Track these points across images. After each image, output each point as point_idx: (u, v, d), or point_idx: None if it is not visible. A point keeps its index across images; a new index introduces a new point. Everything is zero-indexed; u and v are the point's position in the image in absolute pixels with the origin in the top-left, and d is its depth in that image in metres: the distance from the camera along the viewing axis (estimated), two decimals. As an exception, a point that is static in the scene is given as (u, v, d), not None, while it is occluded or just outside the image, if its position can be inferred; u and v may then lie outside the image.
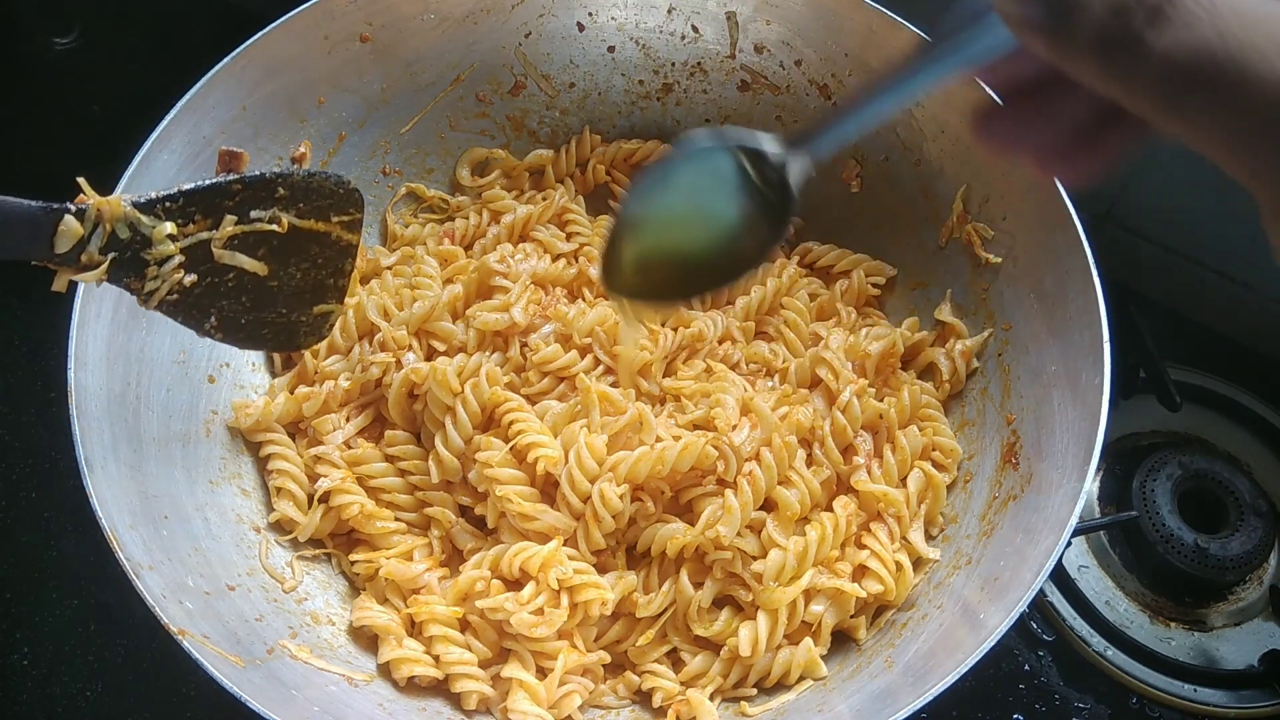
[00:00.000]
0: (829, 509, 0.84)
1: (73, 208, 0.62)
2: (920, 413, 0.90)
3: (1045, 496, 0.77)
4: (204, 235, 0.66)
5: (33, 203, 0.61)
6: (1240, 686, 0.95)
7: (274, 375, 0.94)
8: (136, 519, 0.73)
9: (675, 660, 0.82)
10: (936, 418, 0.90)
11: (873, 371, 0.90)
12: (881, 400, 0.87)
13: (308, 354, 0.91)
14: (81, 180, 0.64)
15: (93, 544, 0.68)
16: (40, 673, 0.92)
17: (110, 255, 0.63)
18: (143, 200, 0.64)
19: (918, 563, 0.84)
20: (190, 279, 0.67)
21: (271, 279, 0.70)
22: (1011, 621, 0.67)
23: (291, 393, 0.90)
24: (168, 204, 0.65)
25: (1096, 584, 1.01)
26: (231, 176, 0.67)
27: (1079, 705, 0.94)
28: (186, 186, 0.65)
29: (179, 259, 0.66)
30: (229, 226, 0.67)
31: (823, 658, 0.80)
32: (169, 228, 0.64)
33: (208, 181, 0.66)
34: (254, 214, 0.68)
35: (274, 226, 0.69)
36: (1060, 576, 1.00)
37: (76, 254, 0.62)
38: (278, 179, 0.69)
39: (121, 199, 0.63)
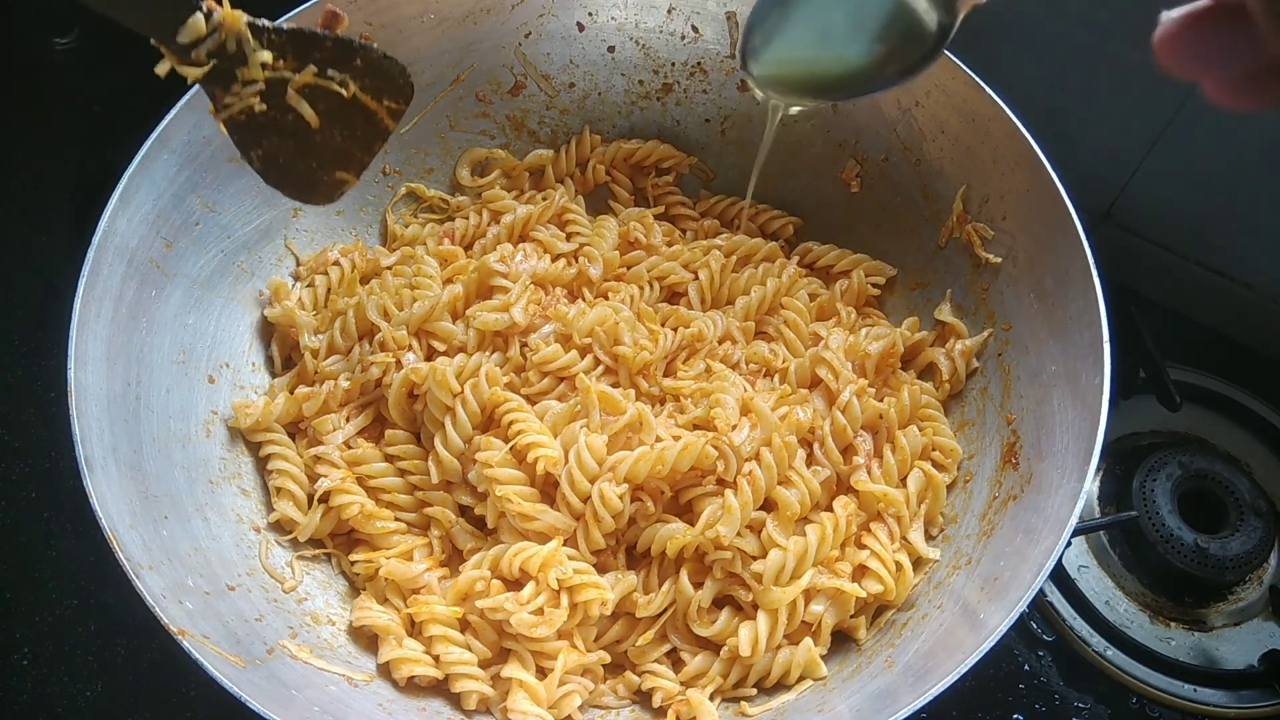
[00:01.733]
0: (829, 509, 0.84)
1: (204, 8, 0.68)
2: (920, 413, 0.90)
3: (1045, 496, 0.77)
4: (287, 74, 0.73)
5: None
6: (1240, 686, 0.95)
7: (274, 375, 0.94)
8: (136, 519, 0.73)
9: (675, 660, 0.82)
10: (936, 418, 0.90)
11: (872, 371, 0.90)
12: (881, 400, 0.87)
13: (308, 354, 0.91)
14: None
15: (93, 544, 0.68)
16: (40, 673, 0.92)
17: (213, 62, 0.70)
18: (256, 24, 0.71)
19: (918, 563, 0.84)
20: (261, 106, 0.74)
21: (318, 134, 0.78)
22: (1011, 621, 0.67)
23: (291, 393, 0.90)
24: (272, 35, 0.72)
25: (1096, 584, 1.00)
26: (327, 33, 0.75)
27: (1079, 705, 0.94)
28: (290, 26, 0.73)
29: (260, 86, 0.73)
30: (308, 75, 0.75)
31: (823, 658, 0.80)
32: (266, 56, 0.72)
33: (308, 29, 0.74)
34: (330, 72, 0.75)
35: (341, 90, 0.77)
36: (1060, 576, 1.00)
37: (189, 49, 0.69)
38: (360, 50, 0.77)
39: (242, 16, 0.70)
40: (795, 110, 0.75)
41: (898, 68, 0.58)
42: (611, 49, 1.06)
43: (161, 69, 0.71)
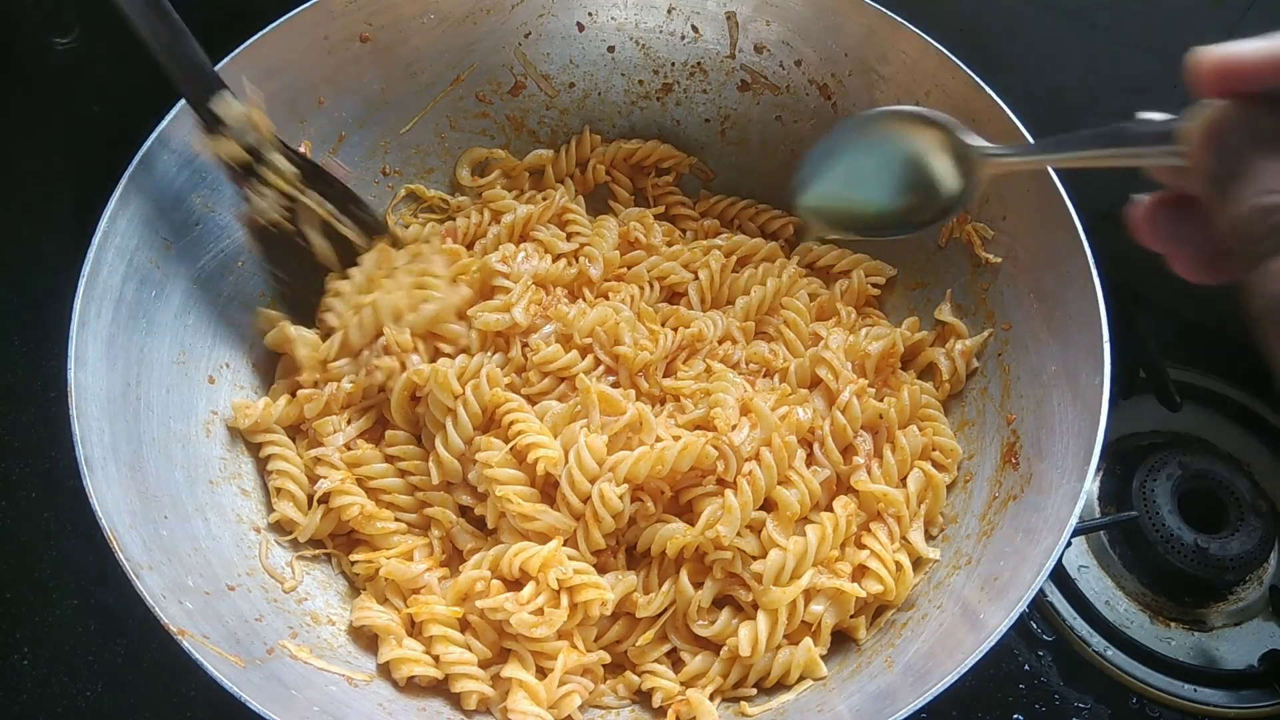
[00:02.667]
0: (829, 509, 0.84)
1: (232, 94, 0.81)
2: (920, 413, 0.90)
3: (1045, 496, 0.77)
4: (309, 202, 0.87)
5: (207, 62, 0.81)
6: (1240, 686, 0.95)
7: (277, 375, 0.94)
8: (136, 519, 0.72)
9: (675, 660, 0.82)
10: (936, 417, 0.90)
11: (872, 371, 0.90)
12: (881, 400, 0.87)
13: (307, 361, 0.91)
14: (250, 85, 0.84)
15: (93, 544, 0.68)
16: (40, 673, 0.92)
17: (244, 148, 0.82)
18: (282, 141, 0.83)
19: (917, 563, 0.84)
20: (282, 216, 0.85)
21: (317, 264, 0.89)
22: (1012, 621, 0.67)
23: (293, 395, 0.90)
24: (294, 155, 0.85)
25: (1096, 584, 1.00)
26: (338, 180, 0.89)
27: (1079, 705, 0.94)
28: (314, 160, 0.87)
29: (282, 196, 0.85)
30: (326, 208, 0.88)
31: (823, 658, 0.80)
32: (293, 170, 0.85)
33: (324, 169, 0.88)
34: (341, 216, 0.89)
35: (346, 234, 0.90)
36: (1060, 576, 1.00)
37: (219, 123, 0.81)
38: (359, 203, 0.91)
39: (272, 126, 0.83)
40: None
41: (920, 218, 0.69)
42: (611, 49, 1.06)
43: (198, 146, 0.82)
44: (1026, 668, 0.96)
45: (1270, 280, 0.42)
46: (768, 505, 0.82)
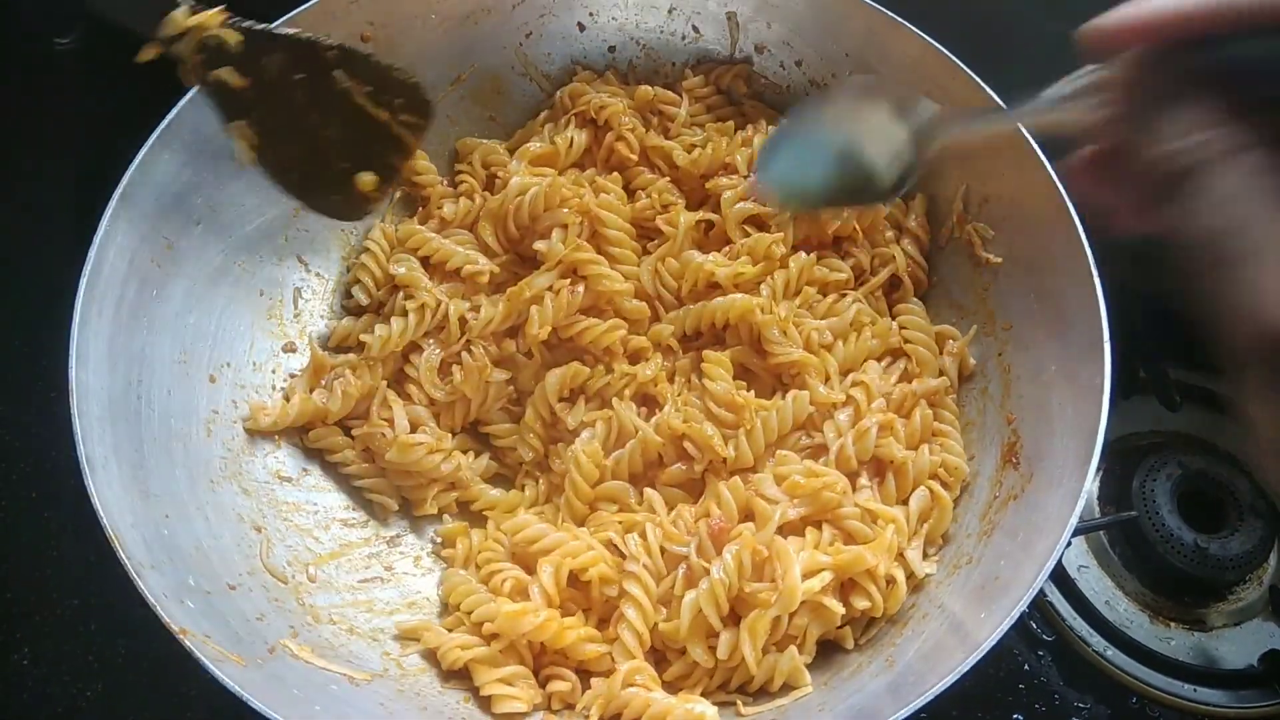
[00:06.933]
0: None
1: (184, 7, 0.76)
2: (932, 427, 0.87)
3: (1045, 496, 0.77)
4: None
5: None
6: (1240, 686, 0.95)
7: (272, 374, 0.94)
8: (137, 518, 0.73)
9: (661, 661, 0.80)
10: (950, 433, 0.87)
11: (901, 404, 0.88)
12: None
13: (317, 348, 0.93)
14: None
15: (93, 544, 0.68)
16: (40, 673, 0.92)
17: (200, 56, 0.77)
18: (242, 25, 0.78)
19: (911, 576, 0.81)
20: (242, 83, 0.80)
21: (315, 127, 0.83)
22: (1012, 621, 0.67)
23: (309, 392, 0.91)
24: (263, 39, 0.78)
25: (1096, 584, 1.01)
26: (333, 42, 0.81)
27: (1079, 705, 0.94)
28: (288, 31, 0.80)
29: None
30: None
31: (823, 656, 0.79)
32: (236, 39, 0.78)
33: (309, 36, 0.81)
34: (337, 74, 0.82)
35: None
36: (1060, 576, 1.00)
37: (172, 42, 0.76)
38: (367, 57, 0.83)
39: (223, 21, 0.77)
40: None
41: (876, 191, 0.73)
42: (613, 49, 1.06)
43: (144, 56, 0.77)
44: (1026, 668, 0.96)
45: (1186, 216, 0.46)
46: (747, 516, 0.80)
